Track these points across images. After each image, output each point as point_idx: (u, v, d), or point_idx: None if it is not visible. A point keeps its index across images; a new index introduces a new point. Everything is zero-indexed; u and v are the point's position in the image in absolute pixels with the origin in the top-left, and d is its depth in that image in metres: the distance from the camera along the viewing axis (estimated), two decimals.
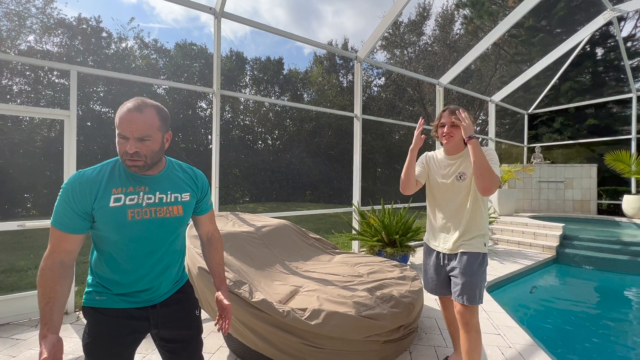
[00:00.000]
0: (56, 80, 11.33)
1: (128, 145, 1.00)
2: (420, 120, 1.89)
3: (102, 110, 12.35)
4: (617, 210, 8.42)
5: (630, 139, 7.96)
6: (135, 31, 15.82)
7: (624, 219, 7.06)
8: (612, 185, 9.22)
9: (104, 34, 12.45)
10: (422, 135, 1.89)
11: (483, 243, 1.82)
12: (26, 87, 11.08)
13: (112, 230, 1.05)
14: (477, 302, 1.76)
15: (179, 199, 1.17)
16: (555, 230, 5.49)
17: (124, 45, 13.33)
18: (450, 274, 1.86)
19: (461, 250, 1.81)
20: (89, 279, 1.16)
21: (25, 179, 10.05)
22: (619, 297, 3.99)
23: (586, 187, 8.20)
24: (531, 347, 2.38)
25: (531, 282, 4.25)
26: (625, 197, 7.25)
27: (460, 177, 1.84)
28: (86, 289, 1.14)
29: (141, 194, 1.08)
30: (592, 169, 8.18)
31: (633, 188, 7.81)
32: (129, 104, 1.02)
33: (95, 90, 12.03)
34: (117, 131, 1.02)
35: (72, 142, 2.95)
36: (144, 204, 1.08)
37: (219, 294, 1.28)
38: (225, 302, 1.23)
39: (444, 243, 1.90)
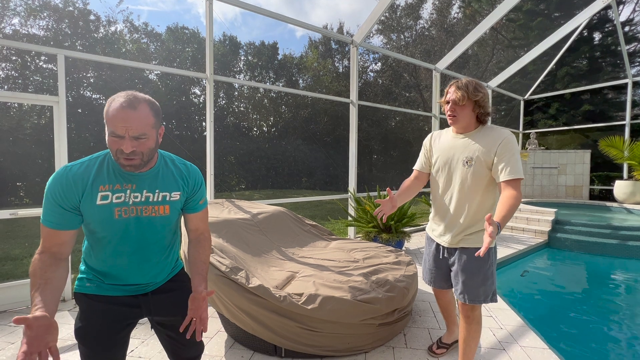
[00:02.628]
0: (44, 66, 11.00)
1: (124, 145, 0.95)
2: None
3: (93, 96, 12.07)
4: (609, 196, 8.55)
5: (624, 125, 8.01)
6: (124, 14, 15.37)
7: (614, 204, 7.18)
8: (604, 171, 9.33)
9: (92, 17, 12.03)
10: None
11: None
12: (13, 72, 10.76)
13: (99, 227, 1.04)
14: (481, 301, 1.60)
15: (167, 198, 1.12)
16: (547, 216, 5.58)
17: (113, 29, 12.93)
18: (451, 269, 1.72)
19: (461, 246, 1.64)
20: (81, 265, 1.16)
21: (16, 167, 9.89)
22: (608, 279, 4.11)
23: (579, 173, 8.29)
24: (522, 327, 2.45)
25: (523, 266, 4.35)
26: (617, 182, 7.35)
27: (467, 162, 1.58)
28: (78, 275, 1.15)
29: (128, 191, 1.05)
30: (585, 155, 8.25)
31: (625, 173, 7.91)
32: (120, 99, 0.95)
33: (85, 75, 11.73)
34: (108, 128, 0.95)
35: (62, 129, 2.88)
36: (130, 202, 1.05)
37: (197, 291, 1.11)
38: (204, 293, 1.08)
39: (443, 235, 1.71)
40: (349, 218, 4.86)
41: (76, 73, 11.35)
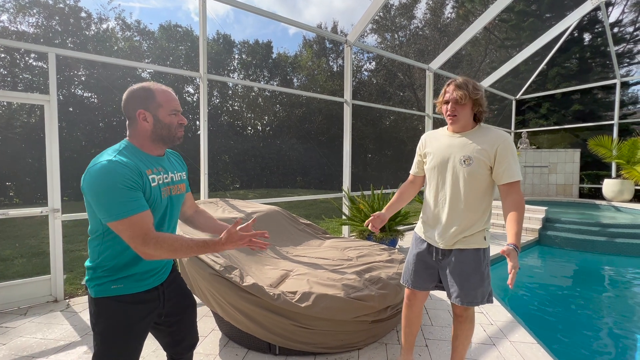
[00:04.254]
0: (34, 63, 10.83)
1: (182, 118, 1.17)
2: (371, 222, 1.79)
3: (85, 95, 11.92)
4: (598, 194, 8.72)
5: (612, 125, 8.16)
6: (116, 11, 15.19)
7: (603, 202, 7.33)
8: (593, 170, 9.51)
9: (83, 14, 11.87)
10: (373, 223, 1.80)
11: (483, 237, 1.58)
12: (2, 70, 10.57)
13: (151, 210, 1.10)
14: (478, 303, 1.57)
15: (182, 177, 1.29)
16: (538, 214, 5.67)
17: (104, 26, 12.78)
18: (444, 271, 1.65)
19: (458, 247, 1.59)
20: (95, 270, 1.11)
21: (6, 166, 9.73)
22: (596, 276, 4.20)
23: (569, 172, 8.43)
24: (511, 323, 2.50)
25: None
26: (606, 181, 7.50)
27: (465, 161, 1.54)
28: (96, 281, 1.10)
29: (161, 174, 1.15)
30: (575, 154, 8.39)
31: (613, 172, 8.07)
32: (158, 86, 1.13)
33: (77, 74, 11.57)
34: (165, 109, 1.12)
35: (53, 128, 2.86)
36: (166, 183, 1.17)
37: (229, 228, 1.17)
38: (248, 222, 1.20)
39: (438, 236, 1.63)
40: (343, 217, 4.89)
41: (67, 71, 11.20)
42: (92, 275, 1.11)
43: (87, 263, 1.14)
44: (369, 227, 1.81)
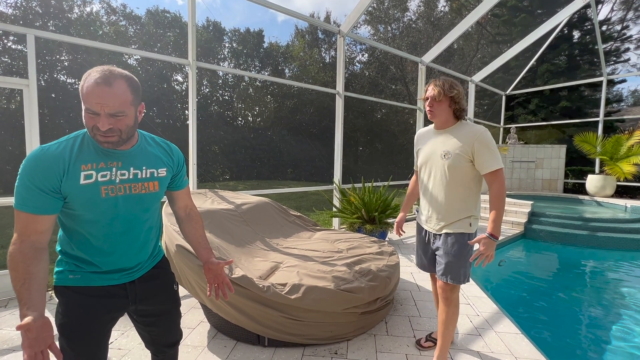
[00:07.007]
0: (13, 46, 10.37)
1: (100, 122, 0.92)
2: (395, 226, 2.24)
3: (68, 80, 11.51)
4: (582, 189, 8.95)
5: (597, 122, 8.34)
6: None
7: (586, 197, 7.53)
8: (578, 166, 9.75)
9: None
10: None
11: (469, 223, 1.77)
12: None
13: (86, 209, 0.99)
14: (460, 282, 1.78)
15: (155, 175, 1.11)
16: (524, 208, 5.79)
17: (88, 9, 12.29)
18: (436, 252, 1.87)
19: (445, 231, 1.79)
20: (59, 257, 1.10)
21: None
22: (577, 268, 4.33)
23: (555, 167, 8.62)
24: (497, 314, 2.56)
25: (500, 256, 4.52)
26: (589, 176, 7.70)
27: (444, 155, 1.74)
28: (57, 268, 1.08)
29: (114, 169, 1.01)
30: (561, 150, 8.57)
31: (597, 168, 8.28)
32: (95, 75, 0.92)
33: (59, 59, 11.14)
34: (83, 104, 0.92)
35: (33, 113, 2.74)
36: (117, 181, 1.02)
37: (211, 262, 1.26)
38: (222, 264, 1.25)
39: (429, 222, 1.88)
40: (334, 209, 4.89)
41: (49, 55, 10.76)
42: (56, 261, 1.08)
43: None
44: (395, 232, 2.22)
